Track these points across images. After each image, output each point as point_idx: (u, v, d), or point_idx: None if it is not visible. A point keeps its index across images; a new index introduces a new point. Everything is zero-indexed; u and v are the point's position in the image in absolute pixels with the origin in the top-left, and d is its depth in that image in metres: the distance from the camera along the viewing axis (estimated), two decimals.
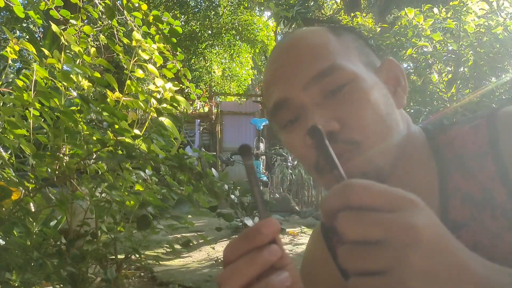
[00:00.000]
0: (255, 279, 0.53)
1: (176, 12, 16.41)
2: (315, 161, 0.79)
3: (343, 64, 0.78)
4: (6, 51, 2.05)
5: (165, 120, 2.04)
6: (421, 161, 0.83)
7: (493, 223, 0.72)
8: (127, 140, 1.88)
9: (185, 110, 2.43)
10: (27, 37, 9.49)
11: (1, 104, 2.00)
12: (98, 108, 1.86)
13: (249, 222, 2.17)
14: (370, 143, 0.75)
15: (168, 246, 2.48)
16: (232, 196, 1.95)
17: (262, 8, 18.19)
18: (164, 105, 2.10)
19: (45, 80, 2.03)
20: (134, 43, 2.23)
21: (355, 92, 0.77)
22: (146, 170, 2.09)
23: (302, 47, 0.82)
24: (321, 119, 0.75)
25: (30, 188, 1.91)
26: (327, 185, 0.82)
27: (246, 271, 0.53)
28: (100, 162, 2.07)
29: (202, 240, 2.52)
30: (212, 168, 1.94)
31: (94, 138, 1.94)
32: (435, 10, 4.38)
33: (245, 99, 15.21)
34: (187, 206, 1.93)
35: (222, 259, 4.66)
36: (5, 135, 1.91)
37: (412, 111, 4.50)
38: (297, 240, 5.37)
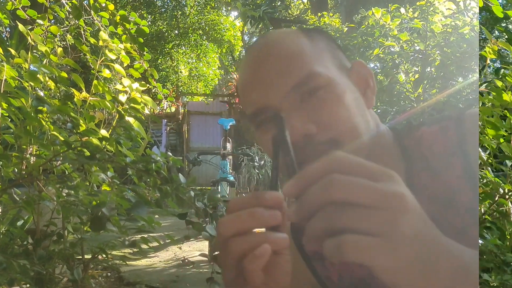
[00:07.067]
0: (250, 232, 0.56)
1: (143, 12, 16.23)
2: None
3: (319, 71, 0.81)
4: None
5: (133, 122, 2.05)
6: (390, 160, 0.86)
7: (458, 219, 0.76)
8: (94, 141, 1.88)
9: (151, 110, 2.43)
10: None
11: None
12: (55, 108, 1.86)
13: (212, 231, 1.97)
14: (347, 141, 0.78)
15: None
16: (199, 204, 1.92)
17: (229, 8, 18.20)
18: (131, 104, 2.11)
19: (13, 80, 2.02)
20: (101, 43, 2.23)
21: (329, 95, 0.80)
22: (108, 172, 2.09)
23: (280, 56, 0.83)
24: (298, 122, 0.78)
25: None
26: None
27: (244, 221, 0.56)
28: (66, 163, 2.06)
29: (169, 240, 2.53)
30: (180, 174, 1.90)
31: (62, 138, 1.94)
32: (402, 10, 4.37)
33: (212, 99, 15.12)
34: (145, 209, 1.91)
35: (188, 259, 4.62)
36: None
37: (379, 111, 4.52)
38: None
